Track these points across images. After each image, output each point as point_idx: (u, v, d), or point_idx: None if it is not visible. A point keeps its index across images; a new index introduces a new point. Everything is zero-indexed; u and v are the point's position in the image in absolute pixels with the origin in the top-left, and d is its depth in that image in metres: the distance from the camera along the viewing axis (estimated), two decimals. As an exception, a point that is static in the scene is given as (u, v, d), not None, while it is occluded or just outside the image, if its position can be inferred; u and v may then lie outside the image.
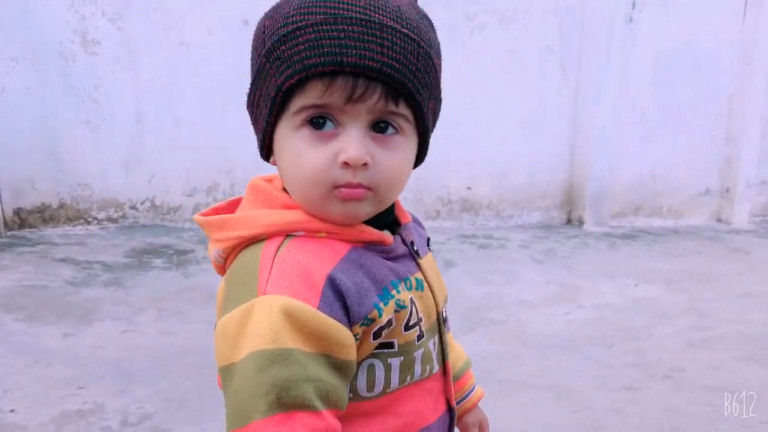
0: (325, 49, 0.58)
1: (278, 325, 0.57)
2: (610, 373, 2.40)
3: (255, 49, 0.64)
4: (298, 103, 0.60)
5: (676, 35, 4.58)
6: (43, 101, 3.64)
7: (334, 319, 0.59)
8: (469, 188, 4.52)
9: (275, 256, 0.62)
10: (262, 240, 0.64)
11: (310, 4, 0.60)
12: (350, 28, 0.58)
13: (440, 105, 0.69)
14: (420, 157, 0.70)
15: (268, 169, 0.70)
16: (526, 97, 4.46)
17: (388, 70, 0.58)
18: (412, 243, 0.72)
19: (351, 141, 0.60)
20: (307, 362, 0.57)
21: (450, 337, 0.89)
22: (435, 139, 0.70)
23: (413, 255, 0.72)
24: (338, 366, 0.60)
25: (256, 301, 0.58)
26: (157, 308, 2.78)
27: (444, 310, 0.75)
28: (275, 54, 0.60)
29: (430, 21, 0.67)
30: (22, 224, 3.71)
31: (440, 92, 0.68)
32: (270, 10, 0.64)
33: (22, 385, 2.07)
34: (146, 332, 2.55)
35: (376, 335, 0.64)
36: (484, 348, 2.58)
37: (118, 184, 3.87)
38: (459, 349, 0.92)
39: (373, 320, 0.63)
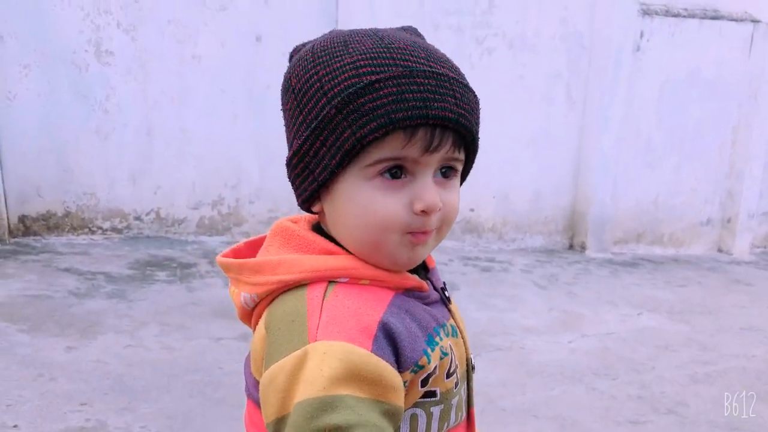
0: (410, 103, 0.59)
1: (331, 372, 0.56)
2: (614, 405, 2.40)
3: (310, 98, 0.63)
4: (375, 155, 0.61)
5: (682, 65, 4.62)
6: (54, 109, 3.65)
7: (388, 363, 0.58)
8: (472, 210, 4.53)
9: (323, 301, 0.61)
10: (303, 286, 0.63)
11: (378, 55, 0.61)
12: (427, 81, 0.61)
13: None
14: None
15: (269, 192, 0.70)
16: (533, 121, 4.49)
17: (463, 121, 0.62)
18: (443, 288, 0.73)
19: (427, 190, 0.62)
20: (360, 408, 0.56)
21: None
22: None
23: (444, 301, 0.72)
24: (390, 413, 0.58)
25: (309, 348, 0.57)
26: (161, 323, 2.77)
27: (473, 356, 0.75)
28: (351, 107, 0.60)
29: None
30: (27, 231, 3.70)
31: None
32: (316, 59, 0.63)
33: (26, 400, 2.06)
34: (149, 347, 2.54)
35: (424, 383, 0.63)
36: (487, 375, 2.58)
37: (124, 195, 3.87)
38: None
39: (422, 367, 0.62)
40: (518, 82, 4.39)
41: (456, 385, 0.68)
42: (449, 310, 0.72)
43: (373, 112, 0.60)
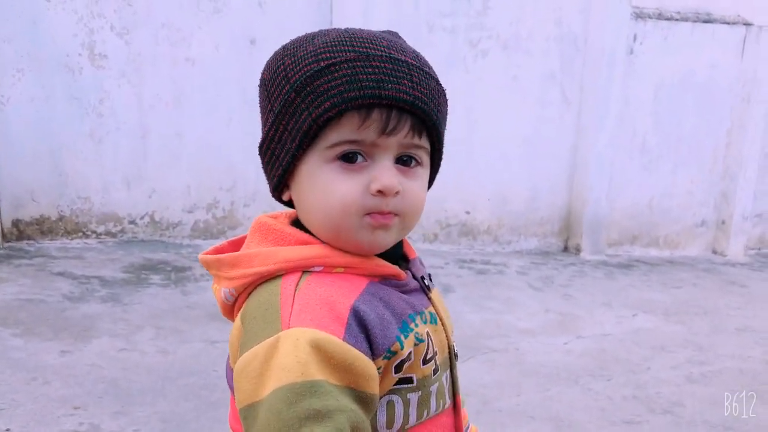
0: (363, 83, 0.61)
1: (306, 357, 0.56)
2: (610, 406, 2.40)
3: (276, 86, 0.65)
4: (332, 137, 0.62)
5: (676, 68, 4.65)
6: (48, 113, 3.63)
7: (360, 350, 0.59)
8: (467, 212, 4.54)
9: (296, 290, 0.62)
10: (278, 277, 0.64)
11: (339, 43, 0.63)
12: (383, 65, 0.62)
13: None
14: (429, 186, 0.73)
15: (267, 199, 0.70)
16: (527, 123, 4.50)
17: (419, 103, 0.63)
18: (422, 277, 0.74)
19: (384, 171, 0.63)
20: (336, 393, 0.57)
21: None
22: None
23: (424, 289, 0.73)
24: (363, 400, 0.59)
25: (281, 335, 0.58)
26: (155, 326, 2.75)
27: (455, 344, 0.76)
28: (308, 89, 0.62)
29: None
30: (21, 236, 3.68)
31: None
32: (285, 52, 0.66)
33: (19, 404, 2.04)
34: (144, 351, 2.53)
35: (398, 369, 0.64)
36: (483, 376, 2.57)
37: (119, 199, 3.85)
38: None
39: (395, 353, 0.63)
40: (512, 84, 4.40)
41: (435, 372, 0.69)
42: (429, 299, 0.73)
43: (328, 93, 0.61)
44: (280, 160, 0.66)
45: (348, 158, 0.63)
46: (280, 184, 0.68)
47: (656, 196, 4.86)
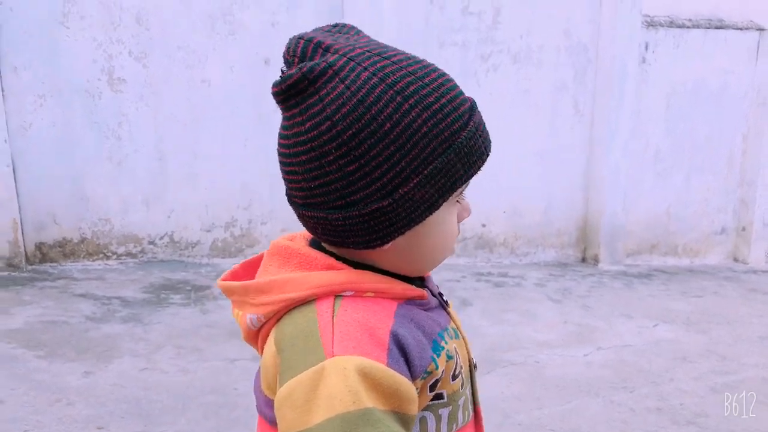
0: (488, 139, 0.68)
1: (356, 386, 0.56)
2: (633, 419, 2.37)
3: (424, 135, 0.60)
4: (462, 186, 0.67)
5: (689, 75, 4.63)
6: (69, 137, 3.72)
7: (402, 375, 0.60)
8: (483, 225, 4.53)
9: (333, 316, 0.62)
10: (310, 302, 0.63)
11: (450, 88, 0.64)
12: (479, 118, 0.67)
13: None
14: None
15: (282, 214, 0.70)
16: (541, 135, 4.50)
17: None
18: (440, 294, 0.75)
19: (467, 203, 0.71)
20: (387, 420, 0.57)
21: None
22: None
23: (443, 305, 0.74)
24: (406, 422, 0.60)
25: (327, 364, 0.58)
26: (176, 345, 2.78)
27: (474, 357, 0.77)
28: (467, 148, 0.64)
29: None
30: (44, 258, 3.75)
31: None
32: (409, 76, 0.61)
33: (44, 425, 2.07)
34: (165, 370, 2.55)
35: (432, 387, 0.65)
36: (502, 390, 2.56)
37: (138, 220, 3.91)
38: None
39: (430, 372, 0.64)
40: (525, 97, 4.41)
41: (462, 385, 0.70)
42: (449, 314, 0.74)
43: (479, 150, 0.66)
44: (414, 217, 0.63)
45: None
46: (387, 236, 0.64)
47: (673, 205, 4.82)
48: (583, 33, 4.44)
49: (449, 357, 0.67)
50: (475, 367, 0.77)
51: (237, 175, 4.00)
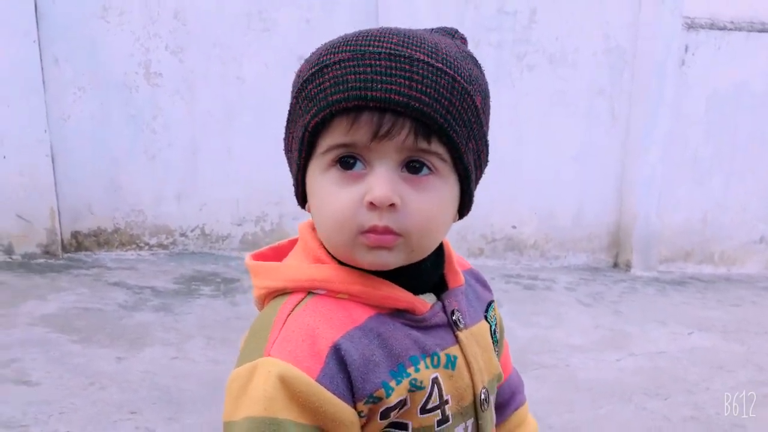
0: (350, 84, 0.55)
1: (273, 392, 0.55)
2: (667, 426, 2.31)
3: (291, 92, 0.63)
4: (325, 142, 0.58)
5: (730, 78, 4.51)
6: (105, 130, 3.78)
7: (334, 393, 0.56)
8: (514, 227, 4.48)
9: (289, 314, 0.59)
10: (286, 294, 0.62)
11: (341, 42, 0.59)
12: (377, 62, 0.55)
13: (487, 148, 0.64)
14: (465, 204, 0.64)
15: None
16: (575, 137, 4.44)
17: (417, 104, 0.54)
18: (453, 312, 0.65)
19: (377, 180, 0.56)
20: None
21: (524, 411, 0.83)
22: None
23: (452, 326, 0.65)
24: None
25: (259, 362, 0.56)
26: (206, 336, 2.81)
27: (484, 390, 0.66)
28: (303, 94, 0.59)
29: (476, 60, 0.63)
30: (79, 247, 3.82)
31: (485, 133, 0.63)
32: (310, 54, 0.62)
33: (78, 408, 2.10)
34: (195, 360, 2.58)
35: (384, 415, 0.59)
36: (533, 393, 2.50)
37: (171, 212, 3.96)
38: (532, 426, 0.84)
39: (379, 399, 0.58)
40: (560, 98, 4.35)
41: (442, 422, 0.62)
42: (456, 338, 0.64)
43: (317, 97, 0.57)
44: (292, 169, 0.64)
45: (344, 163, 0.57)
46: (299, 194, 0.65)
47: (710, 211, 4.70)
48: (620, 34, 4.36)
49: (417, 387, 0.60)
50: (484, 403, 0.66)
51: (269, 171, 4.01)
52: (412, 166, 0.58)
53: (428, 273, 0.64)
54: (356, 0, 3.97)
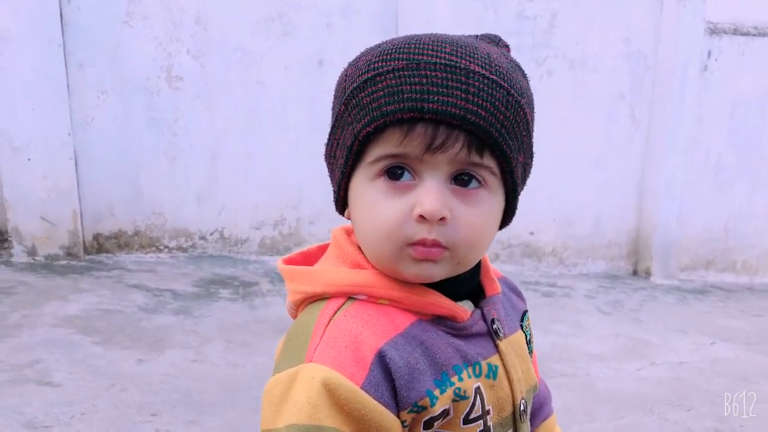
0: (405, 95, 0.54)
1: (317, 399, 0.54)
2: (690, 438, 2.28)
3: (336, 97, 0.62)
4: (375, 152, 0.57)
5: (754, 84, 4.45)
6: (128, 133, 3.83)
7: (379, 401, 0.55)
8: (531, 233, 4.45)
9: (330, 320, 0.58)
10: (324, 299, 0.61)
11: (393, 49, 0.57)
12: (433, 73, 0.54)
13: (532, 160, 0.63)
14: (508, 215, 0.64)
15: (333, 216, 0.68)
16: (595, 143, 4.40)
17: (473, 118, 0.54)
18: (493, 320, 0.64)
19: (428, 193, 0.55)
20: None
21: (551, 422, 0.82)
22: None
23: (492, 335, 0.64)
24: None
25: (301, 369, 0.55)
26: (225, 339, 2.82)
27: (523, 401, 0.65)
28: (354, 101, 0.57)
29: (523, 71, 0.63)
30: (100, 249, 3.86)
31: (532, 145, 0.62)
32: (354, 59, 0.62)
33: (99, 409, 2.12)
34: (215, 363, 2.59)
35: (427, 425, 0.58)
36: (553, 401, 2.49)
37: (190, 215, 3.99)
38: None
39: (423, 408, 0.57)
40: (580, 104, 4.32)
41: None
42: (497, 347, 0.64)
43: (369, 106, 0.56)
44: (335, 176, 0.63)
45: (393, 174, 0.57)
46: (339, 200, 0.64)
47: (732, 219, 4.63)
48: (642, 40, 4.32)
49: (461, 397, 0.59)
50: (523, 414, 0.65)
51: (288, 175, 4.04)
52: (461, 179, 0.57)
53: (466, 280, 0.63)
54: (376, 5, 3.97)
